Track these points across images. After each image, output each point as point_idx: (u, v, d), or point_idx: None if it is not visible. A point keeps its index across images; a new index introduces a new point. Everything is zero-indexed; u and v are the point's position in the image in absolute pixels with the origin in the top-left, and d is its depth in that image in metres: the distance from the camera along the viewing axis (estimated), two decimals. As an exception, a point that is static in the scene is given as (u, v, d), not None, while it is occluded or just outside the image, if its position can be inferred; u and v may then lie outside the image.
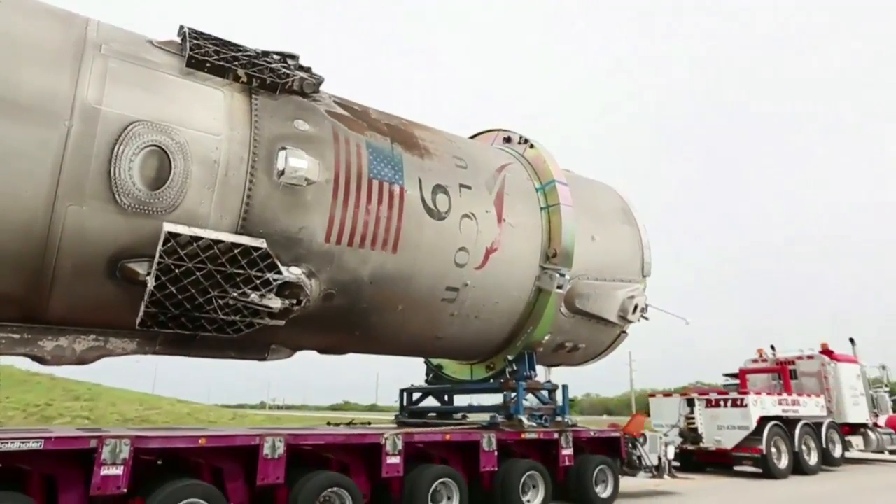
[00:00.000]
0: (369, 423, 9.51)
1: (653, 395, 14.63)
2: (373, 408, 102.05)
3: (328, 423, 9.71)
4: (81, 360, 6.15)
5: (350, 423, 9.39)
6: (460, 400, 10.15)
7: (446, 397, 10.16)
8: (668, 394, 14.35)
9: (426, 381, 10.19)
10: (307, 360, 7.97)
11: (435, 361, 10.07)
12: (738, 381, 15.89)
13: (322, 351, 7.97)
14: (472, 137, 10.12)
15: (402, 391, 10.20)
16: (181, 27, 6.47)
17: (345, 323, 7.16)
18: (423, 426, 8.45)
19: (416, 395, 10.11)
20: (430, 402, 10.10)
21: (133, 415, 24.59)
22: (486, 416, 8.95)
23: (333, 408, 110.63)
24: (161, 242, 5.35)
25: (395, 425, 9.60)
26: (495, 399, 9.27)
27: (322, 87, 7.06)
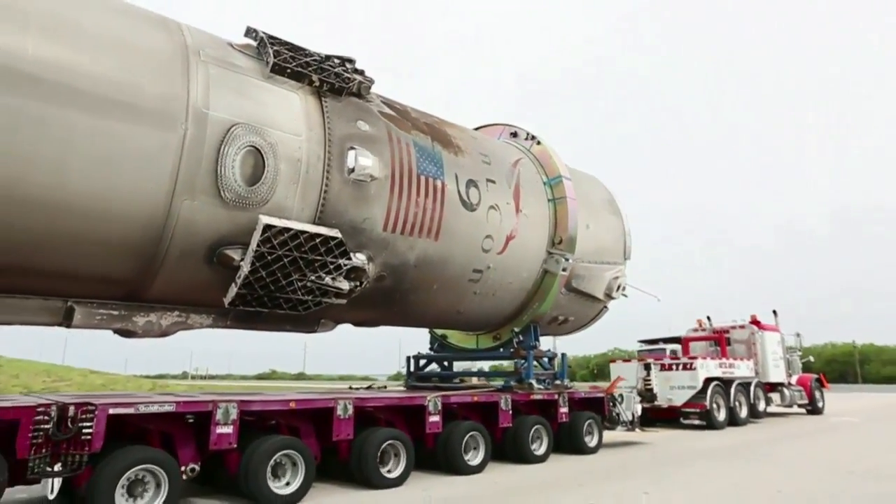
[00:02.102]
0: (385, 387, 10.53)
1: (613, 361, 16.48)
2: (300, 376, 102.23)
3: (350, 388, 10.65)
4: (165, 333, 6.83)
5: (369, 387, 10.41)
6: (458, 366, 11.41)
7: (445, 363, 11.36)
8: (626, 360, 16.23)
9: (431, 349, 11.30)
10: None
11: (440, 332, 11.19)
12: (651, 348, 17.91)
13: (358, 324, 8.89)
14: (477, 129, 11.06)
15: (408, 358, 11.28)
16: (253, 30, 7.03)
17: (388, 301, 8.11)
18: (434, 390, 9.60)
19: (422, 362, 11.21)
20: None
21: (40, 387, 22.78)
22: (475, 380, 10.28)
23: (260, 377, 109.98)
24: (259, 233, 6.11)
25: (403, 388, 10.71)
26: (490, 364, 10.60)
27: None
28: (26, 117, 4.80)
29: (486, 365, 11.88)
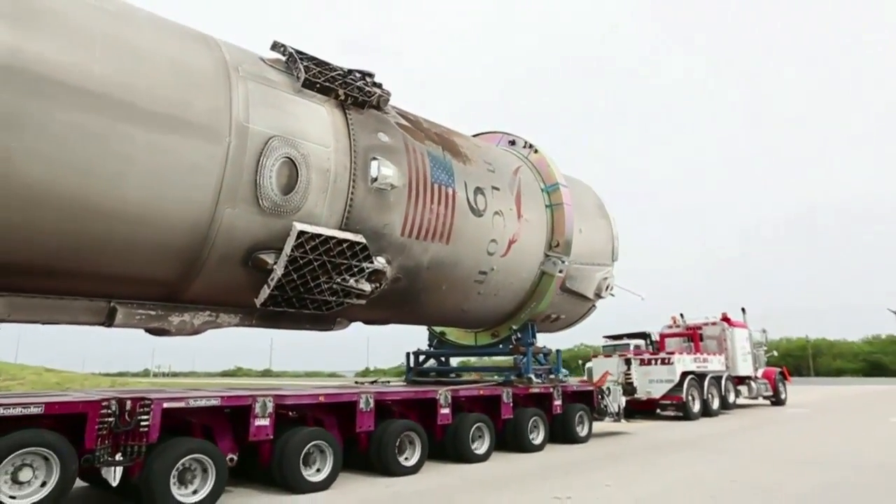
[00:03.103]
0: (389, 382, 11.03)
1: (596, 356, 17.31)
2: (267, 373, 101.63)
3: (356, 383, 11.11)
4: (196, 332, 7.21)
5: (374, 382, 10.90)
6: (452, 362, 12.01)
7: (442, 359, 11.94)
8: (608, 355, 17.09)
9: (430, 346, 11.85)
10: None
11: (438, 329, 11.74)
12: (616, 343, 18.92)
13: (368, 322, 9.38)
14: (476, 136, 11.61)
15: (408, 354, 11.80)
16: (281, 45, 7.44)
17: (401, 301, 8.61)
18: (435, 384, 10.16)
19: (421, 358, 11.75)
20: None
21: (-11, 385, 21.57)
22: (472, 375, 10.91)
23: (225, 373, 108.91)
24: (293, 238, 6.55)
25: (405, 384, 11.23)
26: (491, 361, 11.20)
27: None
28: (92, 133, 5.15)
29: (478, 361, 12.50)
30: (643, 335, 19.04)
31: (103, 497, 6.33)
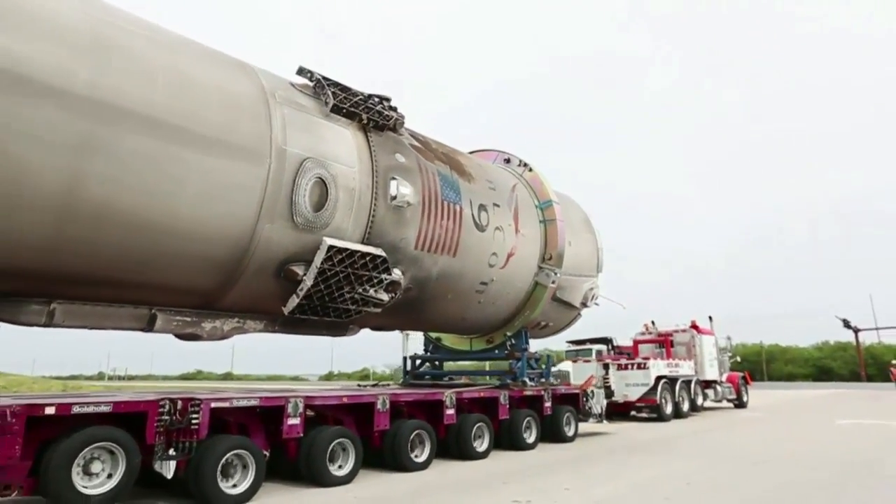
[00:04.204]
0: (389, 383, 11.61)
1: (575, 361, 18.21)
2: (228, 376, 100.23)
3: (359, 385, 11.66)
4: (224, 337, 7.71)
5: (376, 384, 11.48)
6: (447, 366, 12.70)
7: (438, 363, 12.61)
8: (587, 360, 18.01)
9: (426, 351, 12.49)
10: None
11: (434, 335, 12.39)
12: (578, 349, 19.91)
13: (376, 328, 9.97)
14: (472, 153, 12.33)
15: (405, 358, 12.41)
16: (308, 71, 8.02)
17: (409, 309, 9.24)
18: (432, 387, 10.81)
19: (417, 362, 12.38)
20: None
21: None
22: (462, 379, 11.65)
23: (184, 377, 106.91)
24: (324, 252, 7.14)
25: (399, 387, 11.84)
26: (479, 365, 11.95)
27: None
28: (152, 156, 5.65)
29: (469, 365, 13.25)
30: (605, 340, 19.98)
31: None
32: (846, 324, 63.96)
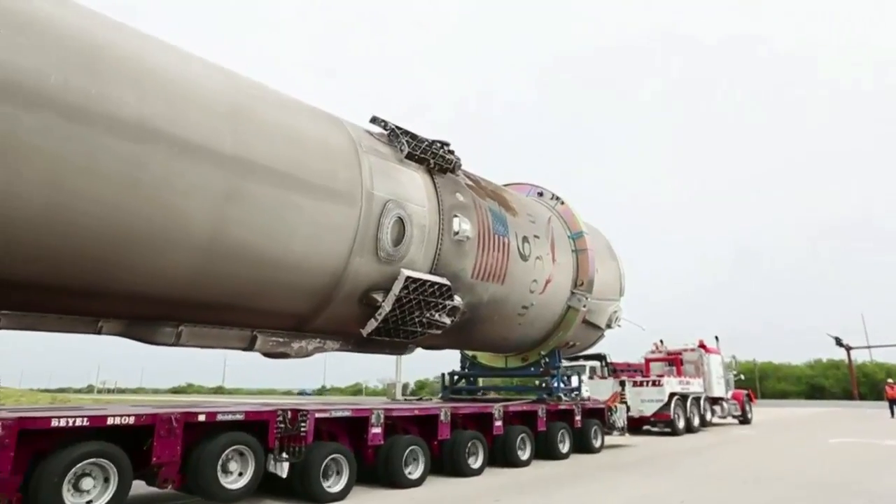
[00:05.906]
0: (431, 398, 12.57)
1: (591, 378, 19.20)
2: (219, 390, 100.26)
3: (405, 399, 12.61)
4: (308, 355, 8.69)
5: (420, 399, 12.44)
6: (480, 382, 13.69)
7: (472, 379, 13.60)
8: (603, 377, 19.01)
9: (462, 367, 13.47)
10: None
11: (470, 353, 13.39)
12: (573, 364, 20.64)
13: (429, 348, 10.96)
14: (506, 185, 13.42)
15: (443, 374, 13.39)
16: (382, 121, 9.12)
17: (461, 331, 10.25)
18: (472, 401, 11.79)
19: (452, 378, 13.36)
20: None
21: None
22: (490, 394, 12.65)
23: (175, 390, 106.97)
24: (401, 282, 8.17)
25: (440, 400, 12.80)
26: (508, 381, 12.94)
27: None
28: (277, 203, 6.69)
29: (499, 381, 14.25)
30: (599, 357, 20.82)
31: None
32: (838, 342, 64.23)
